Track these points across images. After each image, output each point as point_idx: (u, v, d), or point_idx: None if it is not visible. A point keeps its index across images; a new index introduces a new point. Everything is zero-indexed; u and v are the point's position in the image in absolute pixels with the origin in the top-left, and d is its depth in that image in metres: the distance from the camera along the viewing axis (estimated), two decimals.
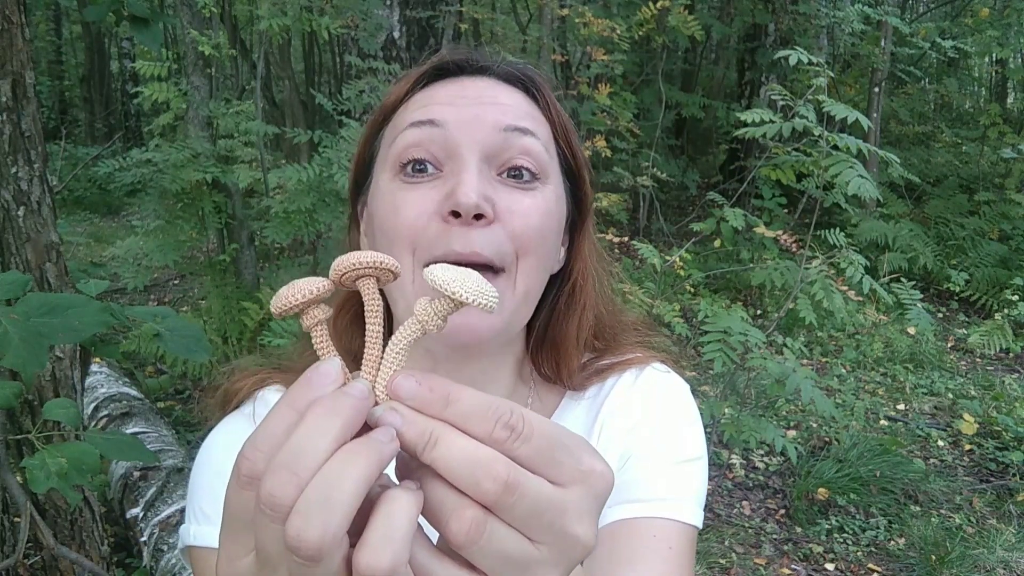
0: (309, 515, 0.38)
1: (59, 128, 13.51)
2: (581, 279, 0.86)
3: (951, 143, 10.08)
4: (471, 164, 0.73)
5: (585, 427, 0.87)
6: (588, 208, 0.87)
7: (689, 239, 4.80)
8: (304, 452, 0.39)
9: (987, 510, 3.80)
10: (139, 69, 4.96)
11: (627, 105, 6.55)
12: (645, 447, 0.83)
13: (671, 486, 0.81)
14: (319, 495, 0.38)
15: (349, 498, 0.38)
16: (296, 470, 0.39)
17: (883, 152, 3.47)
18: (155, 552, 2.67)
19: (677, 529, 0.78)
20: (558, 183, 0.80)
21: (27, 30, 1.99)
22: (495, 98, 0.77)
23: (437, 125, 0.74)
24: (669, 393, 0.89)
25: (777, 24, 8.22)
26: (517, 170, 0.75)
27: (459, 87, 0.78)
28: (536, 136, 0.76)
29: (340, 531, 0.38)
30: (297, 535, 0.38)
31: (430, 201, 0.73)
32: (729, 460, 4.06)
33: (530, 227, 0.74)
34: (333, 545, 0.38)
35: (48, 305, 1.23)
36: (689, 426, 0.87)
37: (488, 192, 0.72)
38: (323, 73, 11.62)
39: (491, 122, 0.75)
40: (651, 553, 0.76)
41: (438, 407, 0.42)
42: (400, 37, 5.94)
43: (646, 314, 3.55)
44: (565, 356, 0.85)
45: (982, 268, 6.90)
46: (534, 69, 0.83)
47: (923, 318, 3.68)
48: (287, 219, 4.31)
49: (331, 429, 0.40)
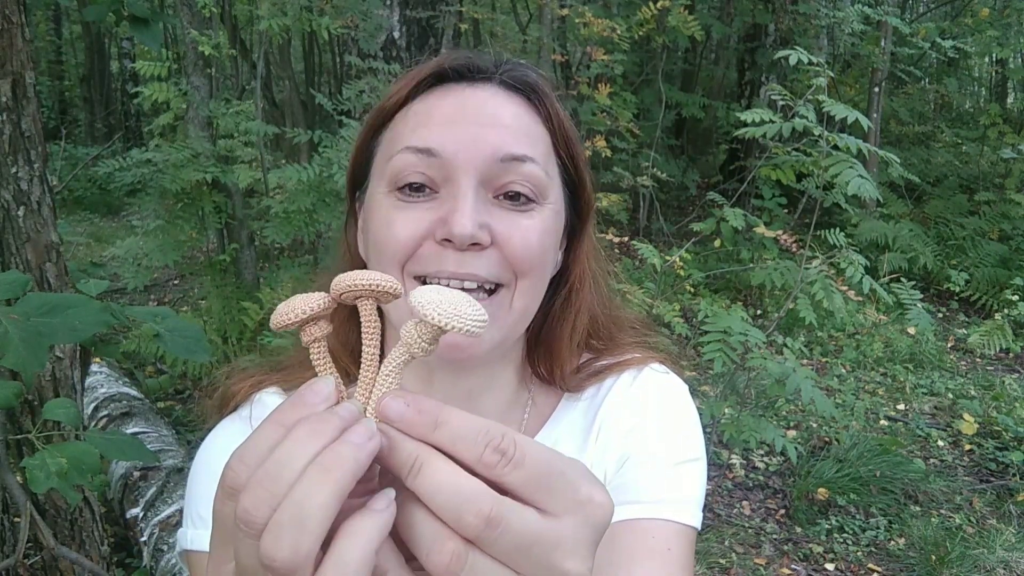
0: (280, 534, 0.38)
1: (59, 128, 13.50)
2: (578, 282, 0.86)
3: (951, 143, 10.08)
4: (468, 191, 0.72)
5: (583, 428, 0.86)
6: (588, 213, 0.86)
7: (689, 239, 4.80)
8: (281, 470, 0.39)
9: (987, 510, 3.79)
10: (139, 69, 4.96)
11: (627, 105, 6.55)
12: (644, 448, 0.83)
13: (670, 487, 0.81)
14: (291, 514, 0.38)
15: (319, 517, 0.38)
16: (272, 488, 0.39)
17: (883, 152, 3.47)
18: (155, 552, 2.67)
19: (676, 530, 0.78)
20: (557, 197, 0.80)
21: (27, 30, 1.99)
22: (495, 116, 0.76)
23: (434, 155, 0.73)
24: (667, 394, 0.89)
25: (777, 24, 8.21)
26: (515, 194, 0.75)
27: (459, 100, 0.77)
28: (535, 161, 0.76)
29: (312, 549, 0.38)
30: (269, 553, 0.38)
31: (424, 222, 0.72)
32: (729, 460, 4.06)
33: (529, 250, 0.74)
34: (305, 563, 0.38)
35: (48, 305, 1.23)
36: (688, 427, 0.87)
37: (484, 218, 0.72)
38: (323, 73, 11.62)
39: (490, 149, 0.73)
40: (650, 554, 0.76)
41: (426, 429, 0.41)
42: (400, 37, 5.94)
43: (646, 314, 3.55)
44: (558, 358, 0.85)
45: (982, 268, 6.90)
46: (537, 74, 0.82)
47: (923, 318, 3.68)
48: (287, 219, 4.31)
49: (312, 449, 0.39)
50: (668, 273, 4.58)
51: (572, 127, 0.83)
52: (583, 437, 0.86)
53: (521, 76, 0.80)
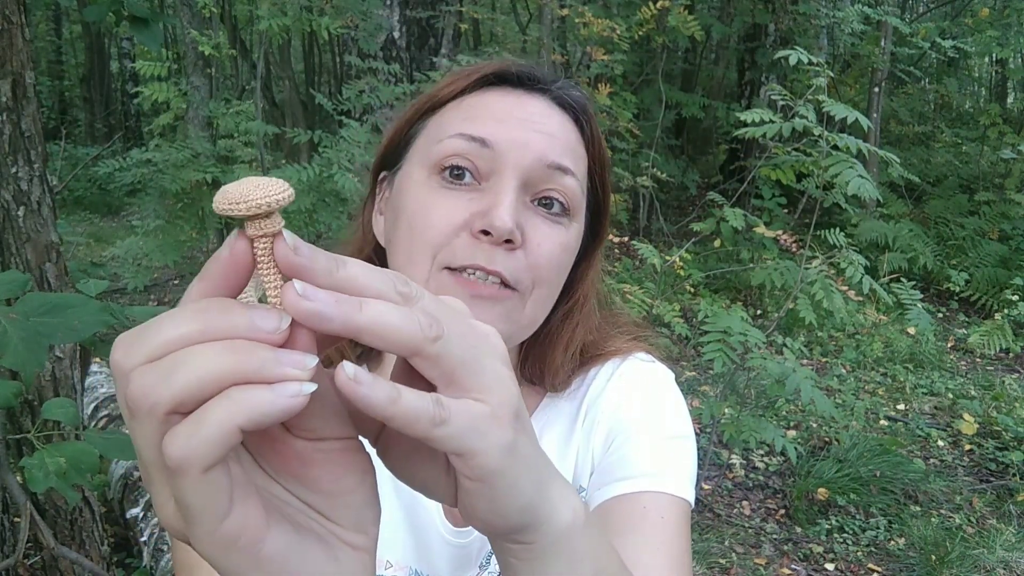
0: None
1: (59, 128, 13.49)
2: (582, 299, 0.87)
3: (951, 143, 10.07)
4: (510, 188, 0.73)
5: (568, 417, 0.88)
6: (602, 240, 0.89)
7: (689, 239, 4.80)
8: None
9: (987, 510, 3.79)
10: (139, 69, 4.96)
11: (627, 105, 6.55)
12: (630, 427, 0.84)
13: (657, 461, 0.81)
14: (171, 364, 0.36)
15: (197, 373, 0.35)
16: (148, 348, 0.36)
17: (883, 152, 3.47)
18: (155, 552, 2.67)
19: (668, 500, 0.79)
20: (582, 219, 0.82)
21: (27, 30, 1.99)
22: (546, 126, 0.77)
23: (487, 146, 0.74)
24: (651, 378, 0.90)
25: (777, 24, 8.21)
26: (550, 200, 0.76)
27: (516, 103, 0.78)
28: (575, 176, 0.78)
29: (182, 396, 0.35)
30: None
31: (462, 210, 0.73)
32: (729, 460, 4.06)
33: (552, 261, 0.76)
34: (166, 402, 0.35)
35: (48, 305, 1.23)
36: (673, 407, 0.88)
37: (520, 219, 0.73)
38: (323, 73, 11.63)
39: (538, 153, 0.75)
40: (645, 523, 0.77)
41: (328, 277, 0.38)
42: (400, 37, 5.94)
43: (646, 314, 3.55)
44: (551, 366, 0.87)
45: (982, 268, 6.90)
46: (587, 98, 0.84)
47: (923, 318, 3.67)
48: (287, 219, 4.31)
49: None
50: (668, 273, 4.58)
51: (608, 155, 0.86)
52: (568, 426, 0.87)
53: (575, 96, 0.82)
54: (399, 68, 5.20)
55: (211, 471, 0.36)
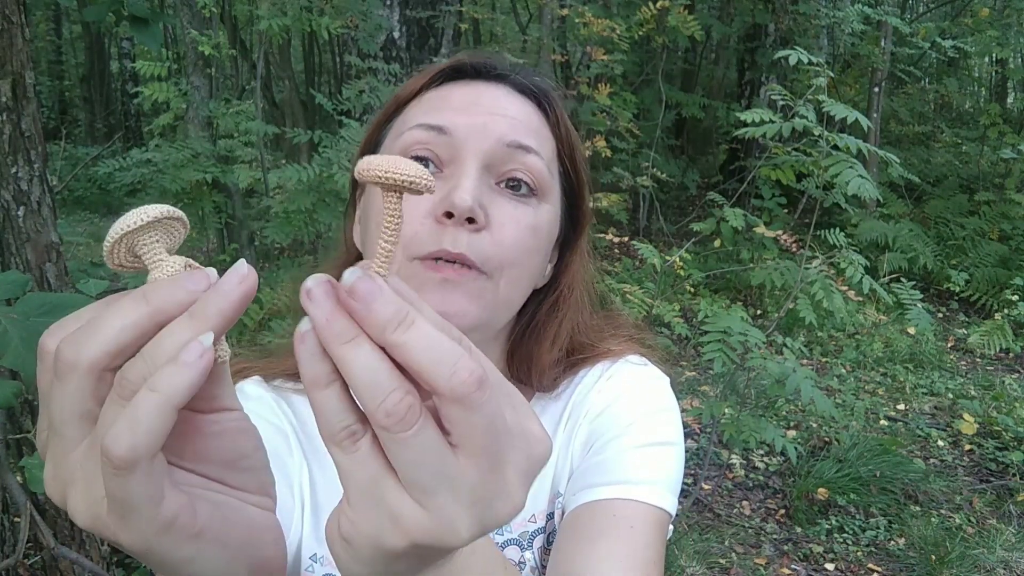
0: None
1: (59, 128, 13.50)
2: (566, 291, 0.86)
3: (951, 143, 10.08)
4: (472, 169, 0.73)
5: (553, 419, 0.86)
6: (583, 227, 0.87)
7: (689, 239, 4.79)
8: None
9: (987, 510, 3.79)
10: (139, 69, 4.96)
11: (627, 105, 6.55)
12: (611, 431, 0.82)
13: (636, 468, 0.78)
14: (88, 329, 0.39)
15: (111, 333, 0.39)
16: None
17: (883, 152, 3.47)
18: None
19: (642, 510, 0.76)
20: (556, 202, 0.81)
21: (27, 30, 1.99)
22: (506, 110, 0.78)
23: (445, 133, 0.75)
24: (641, 381, 0.88)
25: (777, 24, 8.21)
26: (516, 182, 0.76)
27: (474, 92, 0.79)
28: (539, 155, 0.77)
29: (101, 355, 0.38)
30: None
31: (425, 199, 0.73)
32: (729, 460, 4.06)
33: (519, 241, 0.75)
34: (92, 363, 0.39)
35: (48, 305, 1.23)
36: (662, 412, 0.85)
37: (484, 199, 0.73)
38: (323, 73, 11.63)
39: (497, 134, 0.75)
40: (611, 531, 0.74)
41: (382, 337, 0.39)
42: (400, 37, 5.94)
43: (646, 314, 3.55)
44: (538, 363, 0.85)
45: (982, 268, 6.90)
46: (550, 83, 0.84)
47: (923, 318, 3.67)
48: (287, 219, 4.31)
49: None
50: (668, 273, 4.58)
51: (578, 139, 0.85)
52: (552, 428, 0.85)
53: (535, 81, 0.83)
54: (399, 68, 5.21)
55: (153, 459, 0.37)
